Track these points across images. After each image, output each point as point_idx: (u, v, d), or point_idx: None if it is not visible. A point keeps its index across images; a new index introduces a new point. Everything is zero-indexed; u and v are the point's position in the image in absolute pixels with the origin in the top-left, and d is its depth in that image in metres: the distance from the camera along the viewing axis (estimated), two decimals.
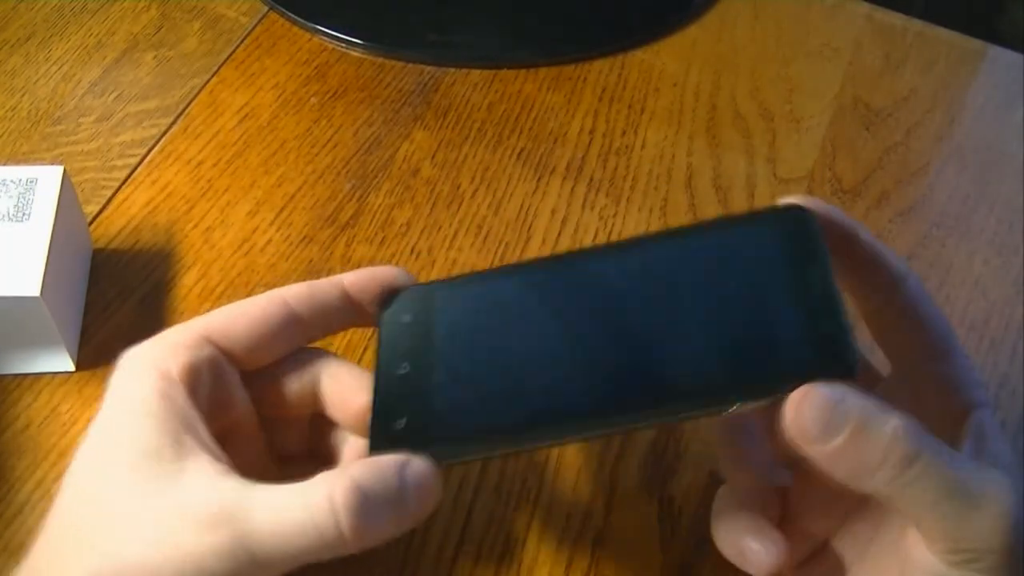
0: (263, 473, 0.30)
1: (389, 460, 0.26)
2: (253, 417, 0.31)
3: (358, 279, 0.31)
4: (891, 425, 0.25)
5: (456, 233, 0.45)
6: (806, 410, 0.25)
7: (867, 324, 0.31)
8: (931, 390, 0.29)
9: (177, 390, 0.27)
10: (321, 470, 0.30)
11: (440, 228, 0.46)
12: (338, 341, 0.41)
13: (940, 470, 0.25)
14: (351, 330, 0.40)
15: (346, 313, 0.31)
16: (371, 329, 0.31)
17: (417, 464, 0.27)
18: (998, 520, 0.24)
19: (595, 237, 0.46)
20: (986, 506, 0.24)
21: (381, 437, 0.29)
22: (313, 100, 0.50)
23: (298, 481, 0.27)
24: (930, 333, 0.29)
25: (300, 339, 0.31)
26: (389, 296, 0.31)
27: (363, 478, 0.25)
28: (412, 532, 0.36)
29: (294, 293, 0.30)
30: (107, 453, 0.27)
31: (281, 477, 0.32)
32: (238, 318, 0.30)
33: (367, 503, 0.25)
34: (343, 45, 0.53)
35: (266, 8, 0.55)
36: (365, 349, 0.41)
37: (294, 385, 0.31)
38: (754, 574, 0.30)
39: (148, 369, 0.28)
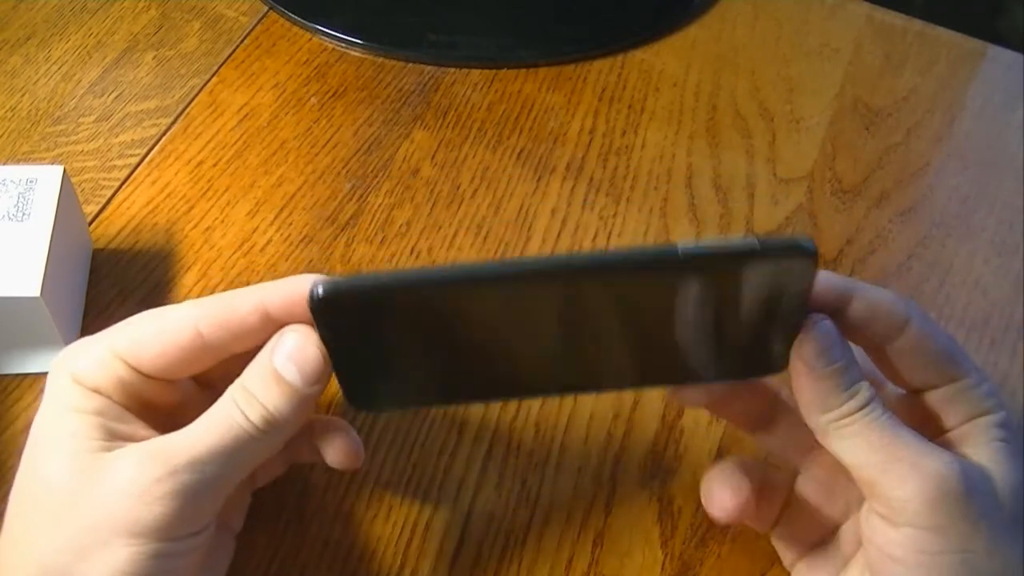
0: None
1: (266, 348, 0.29)
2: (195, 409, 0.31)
3: (282, 300, 0.29)
4: (858, 386, 0.28)
5: (456, 233, 0.45)
6: (814, 332, 0.28)
7: (877, 366, 0.31)
8: (944, 409, 0.30)
9: (94, 393, 0.29)
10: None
11: (440, 228, 0.46)
12: None
13: (878, 433, 0.28)
14: None
15: (262, 332, 0.29)
16: None
17: (290, 334, 0.29)
18: (924, 485, 0.27)
19: (595, 237, 0.46)
20: (915, 474, 0.27)
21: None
22: (313, 100, 0.50)
23: None
24: (940, 365, 0.30)
25: (216, 358, 0.30)
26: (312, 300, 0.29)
27: (247, 379, 0.29)
28: (412, 532, 0.36)
29: (208, 318, 0.29)
30: (42, 443, 0.29)
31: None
32: (147, 343, 0.29)
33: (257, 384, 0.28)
34: (343, 45, 0.53)
35: (266, 8, 0.55)
36: None
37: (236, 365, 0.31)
38: (714, 515, 0.32)
39: (66, 375, 0.29)
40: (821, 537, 0.33)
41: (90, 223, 0.44)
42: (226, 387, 0.29)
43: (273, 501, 0.36)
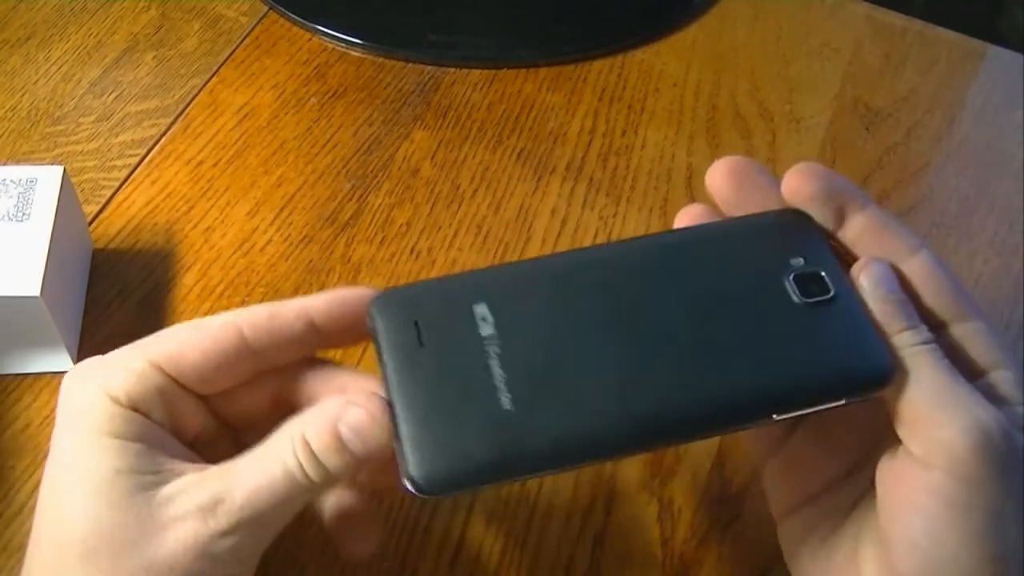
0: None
1: (332, 405, 0.27)
2: (219, 430, 0.30)
3: (328, 309, 0.29)
4: (918, 324, 0.28)
5: (456, 233, 0.45)
6: (874, 266, 0.28)
7: None
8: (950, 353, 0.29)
9: (135, 414, 0.27)
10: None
11: (440, 228, 0.46)
12: None
13: (934, 370, 0.27)
14: None
15: (309, 342, 0.29)
16: None
17: (355, 409, 0.27)
18: (972, 429, 0.26)
19: (595, 237, 0.46)
20: (965, 417, 0.26)
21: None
22: (313, 100, 0.50)
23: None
24: (946, 303, 0.29)
25: (257, 368, 0.29)
26: (377, 299, 0.29)
27: (309, 433, 0.27)
28: (412, 532, 0.36)
29: (252, 323, 0.28)
30: (80, 476, 0.26)
31: None
32: (189, 348, 0.28)
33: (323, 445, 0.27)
34: (343, 45, 0.53)
35: (266, 8, 0.55)
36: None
37: (258, 400, 0.30)
38: None
39: (102, 393, 0.27)
40: (815, 490, 0.31)
41: (90, 223, 0.44)
42: (240, 422, 0.30)
43: None
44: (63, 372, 0.39)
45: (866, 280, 0.28)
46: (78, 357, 0.39)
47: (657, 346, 0.27)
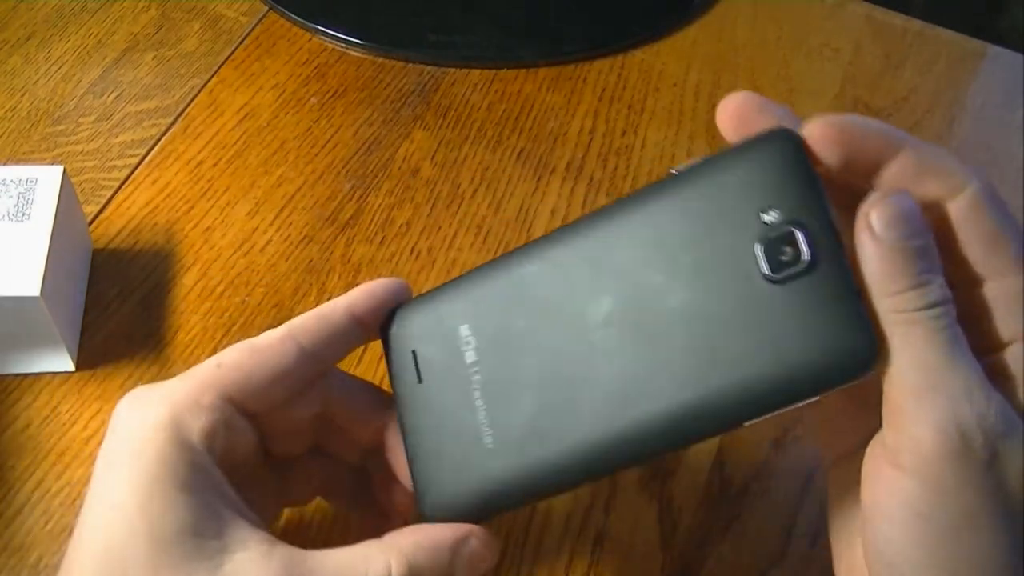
0: (258, 478, 0.30)
1: (445, 538, 0.27)
2: (259, 454, 0.30)
3: (361, 300, 0.29)
4: (931, 280, 0.23)
5: (456, 233, 0.45)
6: (890, 198, 0.23)
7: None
8: (991, 314, 0.24)
9: (203, 458, 0.26)
10: (326, 471, 0.32)
11: (440, 228, 0.46)
12: None
13: (929, 346, 0.22)
14: None
15: (354, 337, 0.30)
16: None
17: (474, 542, 0.27)
18: (948, 429, 0.22)
19: None
20: (946, 411, 0.22)
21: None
22: (313, 100, 0.50)
23: (298, 485, 0.30)
24: (984, 252, 0.24)
25: (314, 375, 0.29)
26: (388, 319, 0.30)
27: (417, 557, 0.26)
28: None
29: (304, 329, 0.29)
30: (143, 530, 0.25)
31: (279, 480, 0.31)
32: (255, 372, 0.28)
33: None
34: (343, 45, 0.53)
35: (266, 8, 0.55)
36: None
37: (301, 415, 0.30)
38: None
39: (168, 434, 0.26)
40: (853, 446, 0.27)
41: (90, 223, 0.44)
42: (281, 441, 0.30)
43: None
44: (63, 372, 0.39)
45: (877, 221, 0.23)
46: (78, 357, 0.39)
47: (620, 355, 0.25)
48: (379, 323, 0.30)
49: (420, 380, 0.28)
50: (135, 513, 0.25)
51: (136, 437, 0.26)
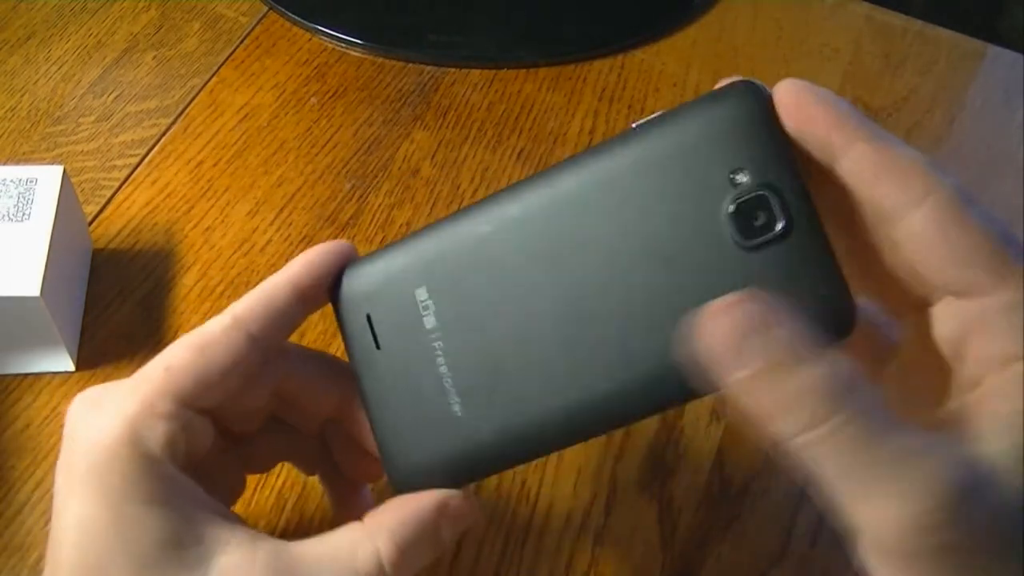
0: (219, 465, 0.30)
1: (426, 507, 0.26)
2: (217, 441, 0.29)
3: (303, 272, 0.28)
4: (818, 371, 0.20)
5: None
6: (716, 328, 0.21)
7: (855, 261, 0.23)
8: (957, 337, 0.22)
9: (167, 468, 0.25)
10: (287, 439, 0.32)
11: None
12: None
13: (862, 437, 0.20)
14: None
15: (301, 311, 0.28)
16: None
17: (455, 504, 0.27)
18: (908, 505, 0.19)
19: None
20: (899, 491, 0.19)
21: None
22: (313, 100, 0.50)
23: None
24: (963, 259, 0.22)
25: (265, 359, 0.28)
26: (337, 283, 0.28)
27: (404, 534, 0.26)
28: None
29: (250, 314, 0.27)
30: (119, 549, 0.24)
31: (241, 455, 0.31)
32: (206, 370, 0.27)
33: (410, 554, 0.26)
34: (343, 45, 0.53)
35: (266, 8, 0.55)
36: None
37: (257, 397, 0.29)
38: None
39: (129, 450, 0.25)
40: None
41: (90, 223, 0.44)
42: (240, 425, 0.30)
43: (274, 502, 0.36)
44: (63, 372, 0.39)
45: (718, 351, 0.21)
46: (78, 357, 0.39)
47: (587, 319, 0.25)
48: (327, 289, 0.29)
49: (378, 347, 0.27)
50: (109, 532, 0.24)
51: (97, 451, 0.25)
